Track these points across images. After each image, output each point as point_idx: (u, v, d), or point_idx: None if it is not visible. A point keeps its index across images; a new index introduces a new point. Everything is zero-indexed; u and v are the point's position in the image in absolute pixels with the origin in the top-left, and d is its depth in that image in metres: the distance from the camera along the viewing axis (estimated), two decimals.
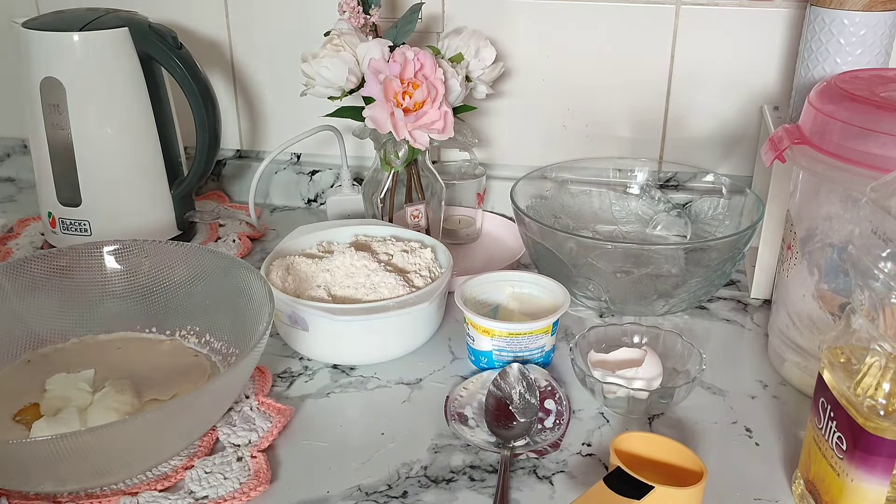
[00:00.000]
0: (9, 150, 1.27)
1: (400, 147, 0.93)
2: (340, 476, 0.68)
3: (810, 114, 0.71)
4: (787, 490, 0.66)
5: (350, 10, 0.93)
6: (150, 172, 1.00)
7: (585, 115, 1.09)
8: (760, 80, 1.03)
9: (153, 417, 0.62)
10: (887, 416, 0.55)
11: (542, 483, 0.67)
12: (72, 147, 0.95)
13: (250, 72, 1.16)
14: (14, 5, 1.13)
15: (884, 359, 0.55)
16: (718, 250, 0.87)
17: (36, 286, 0.80)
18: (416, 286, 0.83)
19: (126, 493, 0.65)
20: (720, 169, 1.07)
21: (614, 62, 1.06)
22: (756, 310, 0.93)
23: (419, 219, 0.99)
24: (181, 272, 0.82)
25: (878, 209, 0.54)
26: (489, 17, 1.05)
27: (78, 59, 0.93)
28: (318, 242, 0.91)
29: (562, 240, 0.89)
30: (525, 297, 0.86)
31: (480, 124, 1.12)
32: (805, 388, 0.77)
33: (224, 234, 1.09)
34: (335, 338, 0.80)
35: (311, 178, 1.19)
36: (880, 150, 0.64)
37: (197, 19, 1.13)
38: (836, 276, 0.71)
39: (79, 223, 0.98)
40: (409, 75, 0.87)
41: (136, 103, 0.97)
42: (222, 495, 0.64)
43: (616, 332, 0.81)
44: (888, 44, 0.85)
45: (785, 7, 0.99)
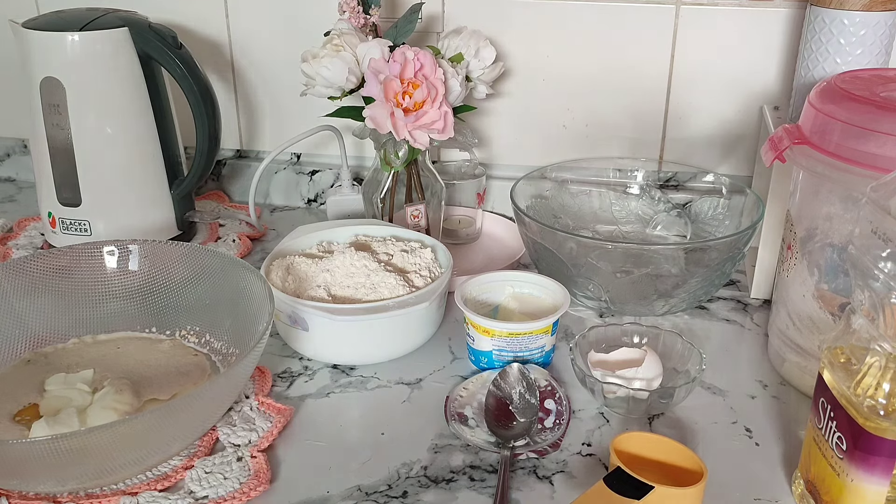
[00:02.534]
0: (9, 150, 1.27)
1: (400, 147, 0.93)
2: (340, 476, 0.68)
3: (810, 114, 0.71)
4: (787, 490, 0.66)
5: (350, 10, 0.93)
6: (150, 172, 1.00)
7: (585, 115, 1.09)
8: (760, 80, 1.03)
9: (153, 417, 0.62)
10: (887, 416, 0.55)
11: (542, 483, 0.67)
12: (72, 147, 0.95)
13: (250, 72, 1.16)
14: (14, 5, 1.13)
15: (884, 359, 0.55)
16: (718, 250, 0.87)
17: (36, 286, 0.80)
18: (416, 286, 0.83)
19: (126, 493, 0.65)
20: (720, 169, 1.07)
21: (614, 62, 1.06)
22: (756, 310, 0.93)
23: (419, 219, 0.99)
24: (181, 272, 0.82)
25: (878, 209, 0.54)
26: (489, 17, 1.05)
27: (78, 59, 0.93)
28: (318, 242, 0.91)
29: (562, 240, 0.89)
30: (525, 297, 0.86)
31: (480, 124, 1.12)
32: (805, 388, 0.77)
33: (224, 234, 1.09)
34: (335, 338, 0.80)
35: (311, 178, 1.19)
36: (880, 150, 0.64)
37: (197, 19, 1.13)
38: (836, 276, 0.71)
39: (79, 223, 0.98)
40: (409, 75, 0.87)
41: (136, 103, 0.97)
42: (222, 495, 0.64)
43: (616, 332, 0.81)
44: (888, 44, 0.85)
45: (785, 7, 0.99)
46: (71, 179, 0.96)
